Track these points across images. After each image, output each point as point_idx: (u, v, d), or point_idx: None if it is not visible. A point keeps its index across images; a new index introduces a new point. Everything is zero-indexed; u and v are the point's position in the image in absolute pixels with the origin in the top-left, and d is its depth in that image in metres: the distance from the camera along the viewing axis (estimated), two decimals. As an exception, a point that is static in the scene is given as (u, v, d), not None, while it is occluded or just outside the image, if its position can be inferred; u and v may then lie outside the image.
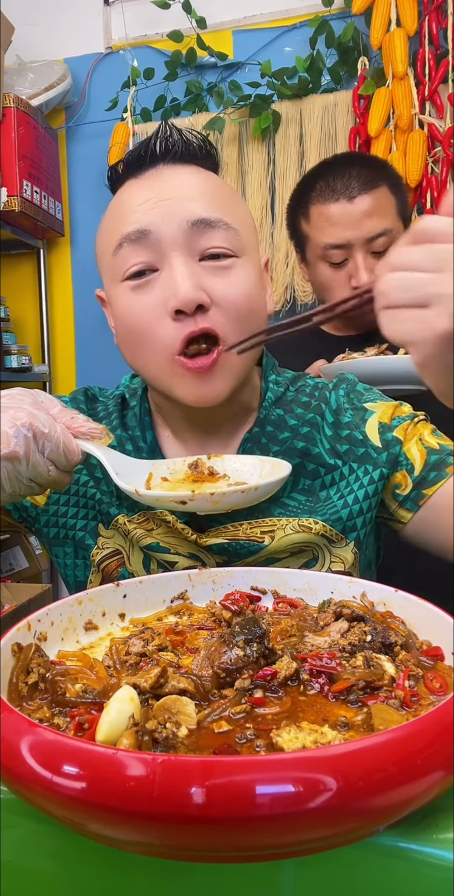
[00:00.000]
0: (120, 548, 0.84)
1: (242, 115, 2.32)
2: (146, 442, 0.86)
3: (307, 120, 2.31)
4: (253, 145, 2.36)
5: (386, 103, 2.09)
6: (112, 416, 0.89)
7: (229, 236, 0.75)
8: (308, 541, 0.79)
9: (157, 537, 0.81)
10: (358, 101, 2.20)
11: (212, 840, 0.35)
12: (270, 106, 2.29)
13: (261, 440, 0.84)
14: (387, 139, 2.11)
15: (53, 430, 0.65)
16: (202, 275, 0.74)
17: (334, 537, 0.80)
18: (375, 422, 0.84)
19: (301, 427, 0.84)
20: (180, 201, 0.74)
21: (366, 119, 2.14)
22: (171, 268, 0.73)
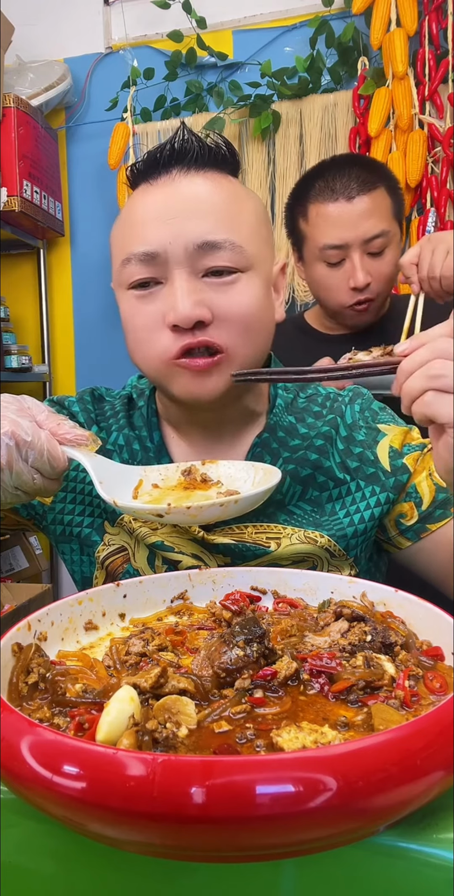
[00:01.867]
0: (125, 544, 0.85)
1: (242, 115, 2.32)
2: (153, 442, 0.87)
3: (307, 120, 2.31)
4: (253, 145, 2.36)
5: (386, 103, 2.09)
6: (119, 416, 0.90)
7: (234, 255, 0.75)
8: (311, 552, 0.80)
9: (161, 536, 0.82)
10: (358, 101, 2.20)
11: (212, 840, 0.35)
12: (270, 106, 2.29)
13: (272, 445, 0.84)
14: (387, 139, 2.11)
15: (37, 437, 0.64)
16: (204, 290, 0.75)
17: (336, 552, 0.81)
18: (387, 445, 0.85)
19: (315, 439, 0.85)
20: (188, 220, 0.74)
21: (366, 119, 2.14)
22: (173, 284, 0.75)
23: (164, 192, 0.77)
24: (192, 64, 2.39)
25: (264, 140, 2.35)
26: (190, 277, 0.75)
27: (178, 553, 0.81)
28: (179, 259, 0.75)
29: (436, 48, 2.12)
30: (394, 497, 0.83)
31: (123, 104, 2.41)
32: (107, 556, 0.85)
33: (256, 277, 0.78)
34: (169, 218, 0.75)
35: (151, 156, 0.78)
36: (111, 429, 0.89)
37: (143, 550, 0.83)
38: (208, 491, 0.72)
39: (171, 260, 0.75)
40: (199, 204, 0.76)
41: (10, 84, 2.38)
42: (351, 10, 2.13)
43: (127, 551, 0.84)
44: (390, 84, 2.09)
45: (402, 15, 2.05)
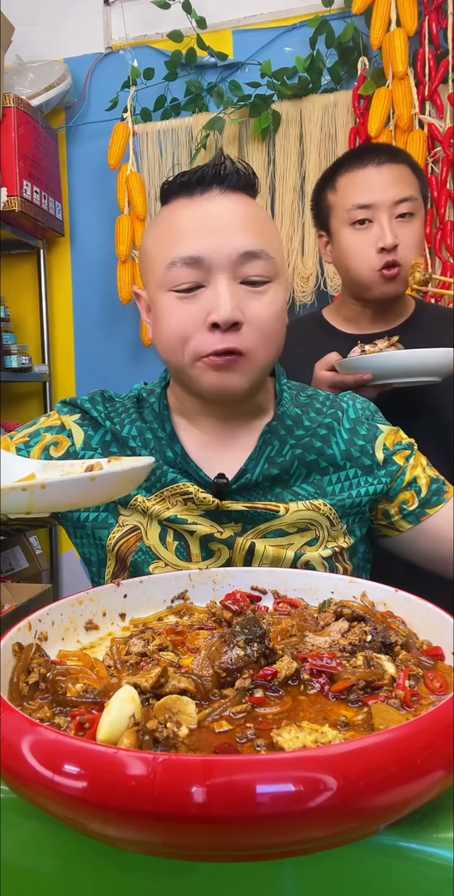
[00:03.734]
0: (138, 524, 0.90)
1: (242, 115, 2.32)
2: (165, 431, 0.93)
3: (307, 120, 2.30)
4: (253, 145, 2.36)
5: (386, 103, 2.09)
6: (130, 411, 0.97)
7: (268, 265, 0.85)
8: (314, 519, 0.89)
9: (175, 511, 0.88)
10: (358, 101, 2.20)
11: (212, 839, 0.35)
12: (270, 106, 2.29)
13: (280, 432, 0.92)
14: (387, 139, 2.11)
15: None
16: (241, 296, 0.84)
17: (334, 520, 0.90)
18: (382, 442, 0.96)
19: (318, 428, 0.94)
20: (230, 232, 0.84)
21: (366, 119, 2.14)
22: (217, 288, 0.83)
23: (207, 207, 0.86)
24: (192, 64, 2.39)
25: (264, 140, 2.35)
26: (231, 282, 0.84)
27: (192, 524, 0.87)
28: (223, 265, 0.83)
29: (436, 48, 2.12)
30: (386, 481, 0.94)
31: (123, 104, 2.41)
32: (120, 538, 0.90)
33: (280, 286, 0.88)
34: (214, 229, 0.84)
35: (191, 175, 0.88)
36: (124, 423, 0.96)
37: (154, 528, 0.89)
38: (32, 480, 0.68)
39: (214, 266, 0.84)
40: (238, 219, 0.85)
41: (10, 84, 2.38)
42: (351, 10, 2.13)
43: (139, 531, 0.90)
44: (390, 84, 2.09)
45: (402, 15, 2.05)
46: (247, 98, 2.28)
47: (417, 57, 2.12)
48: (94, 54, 2.56)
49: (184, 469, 0.90)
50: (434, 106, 2.14)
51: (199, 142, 2.33)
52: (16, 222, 2.39)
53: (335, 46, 2.24)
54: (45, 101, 2.43)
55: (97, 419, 0.96)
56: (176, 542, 0.88)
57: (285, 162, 2.34)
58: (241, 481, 0.87)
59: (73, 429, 0.95)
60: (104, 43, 2.55)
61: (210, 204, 0.86)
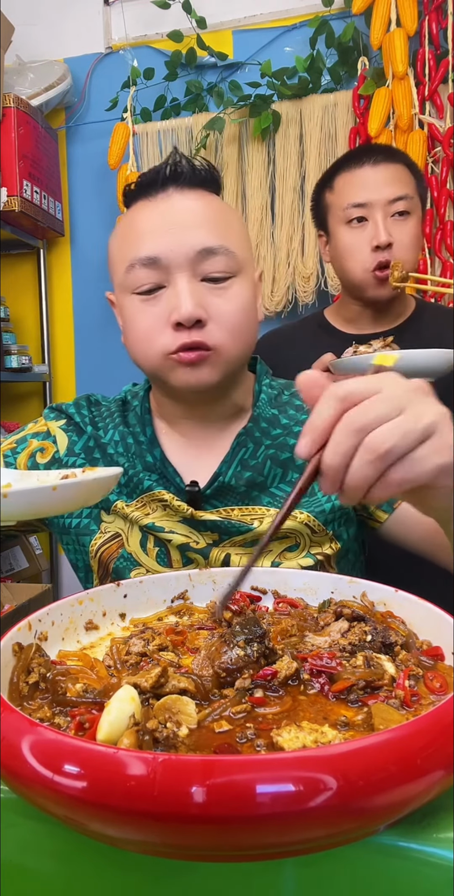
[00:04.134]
0: (120, 530, 0.90)
1: (242, 115, 2.32)
2: (146, 435, 0.93)
3: (307, 120, 2.30)
4: (253, 145, 2.36)
5: (386, 103, 2.09)
6: (114, 416, 0.97)
7: (228, 260, 0.84)
8: (292, 528, 0.86)
9: (153, 518, 0.88)
10: (358, 101, 2.20)
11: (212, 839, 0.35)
12: (270, 106, 2.29)
13: (255, 434, 0.91)
14: (387, 139, 2.11)
15: None
16: (203, 293, 0.83)
17: (316, 528, 0.88)
18: None
19: (293, 426, 0.92)
20: (187, 229, 0.83)
21: (366, 119, 2.13)
22: (176, 287, 0.83)
23: (164, 207, 0.85)
24: (192, 64, 2.39)
25: (264, 140, 2.35)
26: (191, 280, 0.83)
27: (169, 532, 0.86)
28: (181, 264, 0.82)
29: (436, 48, 2.12)
30: None
31: (123, 104, 2.41)
32: (101, 545, 0.90)
33: (245, 281, 0.87)
34: (169, 228, 0.83)
35: (148, 176, 0.87)
36: (107, 427, 0.96)
37: (135, 534, 0.89)
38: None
39: (172, 265, 0.83)
40: (196, 216, 0.85)
41: (10, 84, 2.38)
42: (351, 10, 2.13)
43: (121, 537, 0.89)
44: (390, 84, 2.09)
45: (402, 15, 2.05)
46: (247, 98, 2.28)
47: (417, 57, 2.12)
48: (94, 54, 2.56)
49: (162, 474, 0.89)
50: (434, 106, 2.14)
51: (199, 142, 2.33)
52: (16, 222, 2.39)
53: (335, 46, 2.24)
54: (45, 101, 2.43)
55: (79, 424, 0.95)
56: (156, 549, 0.87)
57: (285, 162, 2.34)
58: (215, 485, 0.87)
59: (57, 435, 0.95)
60: (104, 43, 2.55)
61: (166, 203, 0.85)
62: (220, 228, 0.85)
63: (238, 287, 0.85)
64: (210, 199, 0.87)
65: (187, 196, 0.86)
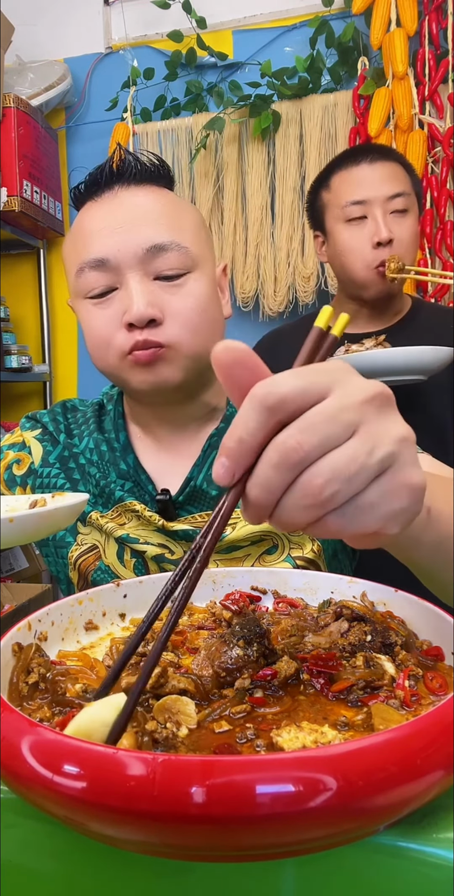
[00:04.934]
0: (97, 542, 0.89)
1: (242, 115, 2.32)
2: (119, 441, 0.91)
3: (307, 120, 2.31)
4: (253, 145, 2.36)
5: (386, 103, 2.09)
6: (90, 422, 0.95)
7: (181, 256, 0.81)
8: (266, 530, 0.84)
9: (128, 529, 0.86)
10: (358, 101, 2.20)
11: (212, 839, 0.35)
12: (270, 106, 2.29)
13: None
14: (387, 139, 2.11)
15: None
16: (156, 292, 0.81)
17: None
18: None
19: None
20: (135, 227, 0.80)
21: (366, 119, 2.14)
22: (128, 287, 0.80)
23: (109, 206, 0.83)
24: (192, 64, 2.39)
25: (264, 140, 2.35)
26: (143, 279, 0.80)
27: (144, 543, 0.85)
28: (131, 263, 0.80)
29: (436, 48, 2.12)
30: None
31: (123, 104, 2.41)
32: (79, 556, 0.89)
33: (202, 277, 0.84)
34: (116, 226, 0.80)
35: (94, 176, 0.84)
36: (83, 435, 0.94)
37: (112, 546, 0.87)
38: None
39: (122, 265, 0.80)
40: (143, 213, 0.82)
41: (10, 84, 2.38)
42: (351, 10, 2.13)
43: (98, 549, 0.88)
44: (390, 84, 2.09)
45: (402, 15, 2.05)
46: (248, 98, 2.28)
47: (417, 57, 2.12)
48: (94, 54, 2.56)
49: (136, 481, 0.87)
50: (434, 106, 2.14)
51: (199, 142, 2.33)
52: (16, 222, 2.39)
53: (335, 46, 2.24)
54: (45, 101, 2.43)
55: (53, 433, 0.94)
56: (133, 560, 0.86)
57: (285, 162, 2.34)
58: (187, 491, 0.85)
59: (32, 445, 0.94)
60: (104, 43, 2.55)
61: (113, 202, 0.83)
62: (170, 224, 0.82)
63: (193, 283, 0.82)
64: (159, 194, 0.84)
65: (135, 193, 0.83)
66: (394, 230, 1.33)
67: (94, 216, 0.83)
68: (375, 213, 1.33)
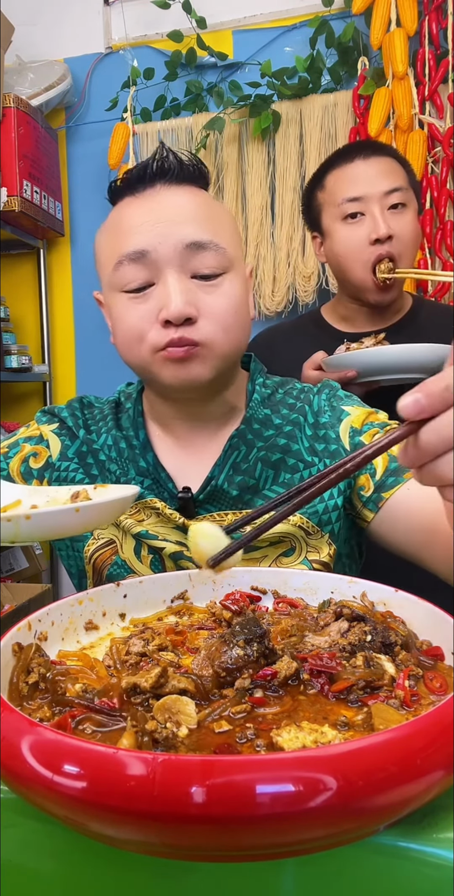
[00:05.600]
0: (113, 537, 0.89)
1: (242, 115, 2.32)
2: (138, 439, 0.91)
3: (307, 120, 2.31)
4: (253, 145, 2.36)
5: (386, 103, 2.09)
6: (107, 419, 0.95)
7: (218, 255, 0.83)
8: (286, 532, 0.84)
9: (146, 525, 0.87)
10: (358, 101, 2.20)
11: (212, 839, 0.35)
12: (270, 106, 2.29)
13: (248, 436, 0.89)
14: (387, 139, 2.11)
15: None
16: (193, 290, 0.82)
17: (311, 529, 0.85)
18: (348, 424, 0.90)
19: (285, 426, 0.91)
20: (175, 224, 0.81)
21: (366, 119, 2.14)
22: (166, 283, 0.81)
23: (151, 202, 0.84)
24: (192, 64, 2.39)
25: (264, 140, 2.35)
26: (181, 277, 0.81)
27: (162, 540, 0.85)
28: (170, 259, 0.81)
29: (436, 48, 2.12)
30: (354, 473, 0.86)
31: (123, 104, 2.41)
32: (95, 551, 0.89)
33: (236, 278, 0.85)
34: (157, 223, 0.82)
35: (136, 172, 0.86)
36: (100, 431, 0.94)
37: (129, 541, 0.87)
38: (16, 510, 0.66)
39: (161, 259, 0.81)
40: (184, 211, 0.83)
41: (10, 84, 2.38)
42: (351, 10, 2.13)
43: (115, 544, 0.88)
44: (390, 84, 2.09)
45: (402, 15, 2.05)
46: (248, 98, 2.28)
47: (417, 57, 2.12)
48: (94, 54, 2.56)
49: (155, 479, 0.88)
50: (434, 106, 2.14)
51: (199, 142, 2.33)
52: (16, 222, 2.39)
53: (335, 46, 2.24)
54: (45, 101, 2.43)
55: (72, 429, 0.94)
56: (151, 556, 0.86)
57: (285, 162, 2.34)
58: (207, 490, 0.85)
59: (50, 439, 0.94)
60: (104, 43, 2.55)
61: (154, 199, 0.84)
62: (209, 223, 0.83)
63: (229, 284, 0.84)
64: (198, 195, 0.86)
65: (175, 191, 0.84)
66: (393, 226, 1.30)
67: (134, 211, 0.84)
68: (373, 210, 1.31)
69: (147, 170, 0.85)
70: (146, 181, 0.85)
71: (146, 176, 0.85)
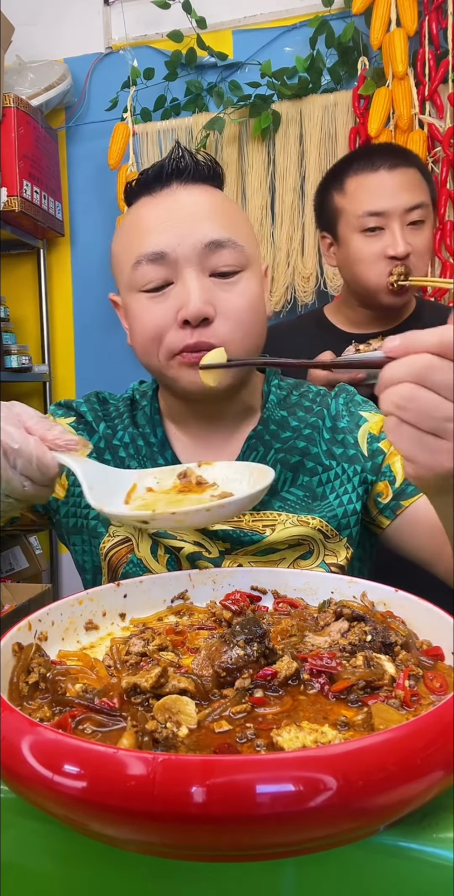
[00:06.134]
0: (130, 535, 0.88)
1: (242, 115, 2.32)
2: (156, 437, 0.92)
3: (307, 120, 2.30)
4: (253, 145, 2.36)
5: (386, 103, 2.09)
6: (123, 416, 0.95)
7: (236, 253, 0.83)
8: (305, 534, 0.84)
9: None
10: (358, 101, 2.19)
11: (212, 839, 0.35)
12: (270, 106, 2.29)
13: (265, 437, 0.89)
14: (387, 139, 2.11)
15: (25, 444, 0.63)
16: (212, 289, 0.82)
17: (330, 533, 0.85)
18: (366, 430, 0.90)
19: (303, 429, 0.91)
20: (194, 223, 0.82)
21: (366, 119, 2.13)
22: (185, 283, 0.81)
23: (168, 202, 0.84)
24: (192, 64, 2.39)
25: (264, 140, 2.35)
26: (200, 276, 0.81)
27: (180, 541, 0.84)
28: (189, 258, 0.81)
29: (436, 48, 2.12)
30: (372, 479, 0.87)
31: (123, 104, 2.41)
32: (111, 548, 0.88)
33: (253, 276, 0.85)
34: (176, 223, 0.82)
35: (152, 172, 0.86)
36: (117, 427, 0.94)
37: (146, 541, 0.87)
38: (203, 494, 0.69)
39: (180, 259, 0.81)
40: (201, 209, 0.83)
41: (10, 84, 2.38)
42: (351, 10, 2.13)
43: (131, 542, 0.87)
44: (390, 84, 2.09)
45: (402, 15, 2.05)
46: (248, 98, 2.28)
47: (417, 57, 2.12)
48: (94, 54, 2.56)
49: None
50: (434, 106, 2.14)
51: (199, 142, 2.33)
52: (16, 222, 2.39)
53: (335, 46, 2.24)
54: (45, 101, 2.43)
55: (92, 423, 0.94)
56: (167, 556, 0.85)
57: (285, 162, 2.34)
58: None
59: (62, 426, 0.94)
60: (104, 43, 2.55)
61: (171, 198, 0.84)
62: (226, 222, 0.84)
63: (246, 281, 0.84)
64: (214, 194, 0.87)
65: (191, 191, 0.85)
66: (411, 242, 1.29)
67: (151, 211, 0.84)
68: (393, 227, 1.29)
69: (163, 170, 0.85)
70: (163, 181, 0.85)
71: (163, 176, 0.85)
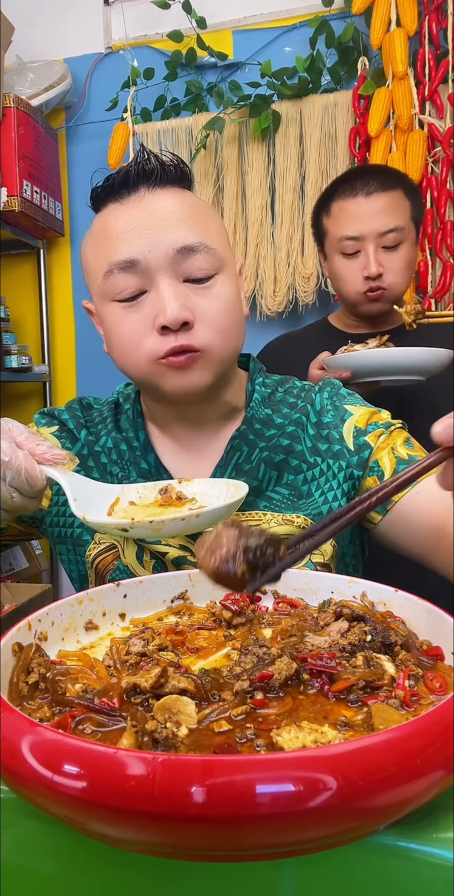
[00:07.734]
0: (116, 542, 0.87)
1: (242, 115, 2.32)
2: (139, 441, 0.91)
3: (307, 120, 2.30)
4: (253, 145, 2.36)
5: (386, 103, 2.09)
6: (107, 421, 0.95)
7: (209, 257, 0.82)
8: (290, 533, 0.83)
9: None
10: (358, 101, 2.19)
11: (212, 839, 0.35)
12: (270, 106, 2.29)
13: (249, 436, 0.88)
14: (387, 139, 2.11)
15: (15, 457, 0.66)
16: (187, 294, 0.81)
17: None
18: (352, 425, 0.89)
19: (287, 426, 0.90)
20: (164, 229, 0.80)
21: (366, 119, 2.13)
22: (159, 290, 0.80)
23: (136, 208, 0.82)
24: (192, 64, 2.39)
25: (264, 140, 2.35)
26: (174, 282, 0.80)
27: (165, 545, 0.84)
28: (162, 265, 0.80)
29: (436, 48, 2.12)
30: (358, 473, 0.86)
31: (123, 104, 2.41)
32: (97, 555, 0.88)
33: (228, 278, 0.84)
34: (145, 229, 0.80)
35: (118, 178, 0.84)
36: (100, 433, 0.94)
37: (131, 547, 0.86)
38: (182, 508, 0.73)
39: (153, 266, 0.80)
40: (171, 215, 0.81)
41: (10, 84, 2.38)
42: (351, 10, 2.13)
43: (117, 549, 0.87)
44: (390, 84, 2.09)
45: (402, 15, 2.05)
46: (248, 98, 2.28)
47: (417, 57, 2.12)
48: (94, 54, 2.56)
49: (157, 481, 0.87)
50: (434, 106, 2.14)
51: (199, 142, 2.33)
52: (16, 222, 2.39)
53: (335, 46, 2.24)
54: (45, 101, 2.43)
55: (73, 431, 0.93)
56: (153, 561, 0.85)
57: (285, 162, 2.34)
58: None
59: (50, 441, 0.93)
60: (104, 43, 2.55)
61: (139, 204, 0.82)
62: (197, 225, 0.82)
63: (221, 285, 0.82)
64: (183, 196, 0.84)
65: (159, 195, 0.83)
66: (385, 262, 1.40)
67: (119, 218, 0.83)
68: (368, 249, 1.40)
69: (129, 174, 0.83)
70: (130, 186, 0.83)
71: (129, 181, 0.83)
